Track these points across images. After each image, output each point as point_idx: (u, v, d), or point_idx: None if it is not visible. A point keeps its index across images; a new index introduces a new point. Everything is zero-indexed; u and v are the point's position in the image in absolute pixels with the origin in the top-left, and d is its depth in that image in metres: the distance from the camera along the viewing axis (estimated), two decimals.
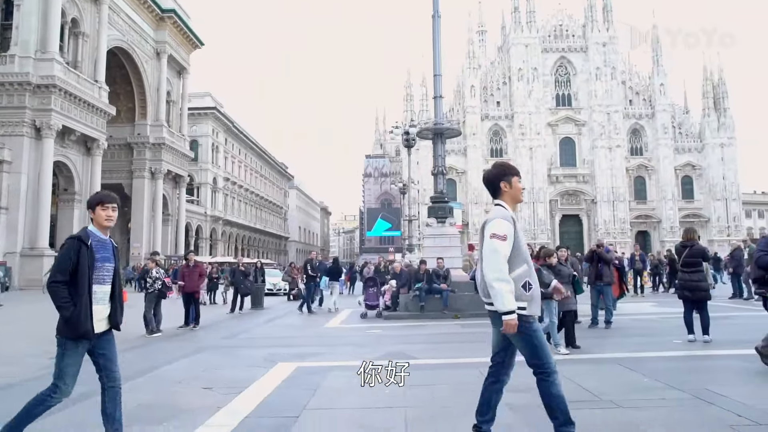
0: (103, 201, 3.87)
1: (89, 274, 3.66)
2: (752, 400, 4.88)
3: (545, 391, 3.61)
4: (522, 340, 3.59)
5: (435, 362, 7.59)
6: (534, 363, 3.61)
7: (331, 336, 11.08)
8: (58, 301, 3.62)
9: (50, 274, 3.77)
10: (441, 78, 14.59)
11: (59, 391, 3.65)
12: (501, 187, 3.73)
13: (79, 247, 3.68)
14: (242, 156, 72.91)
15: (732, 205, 69.66)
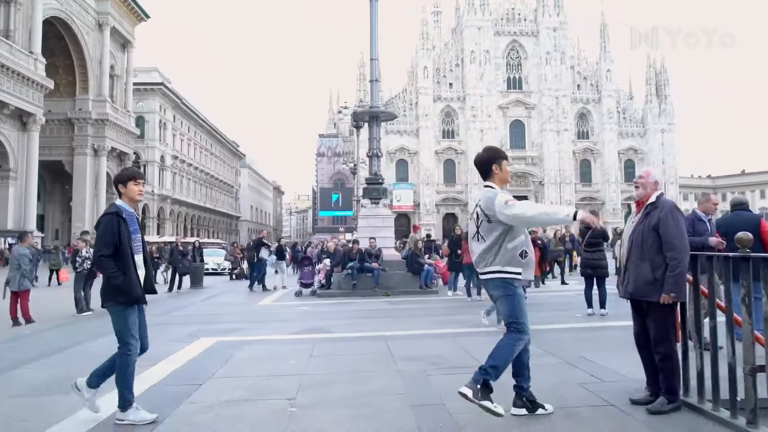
0: (135, 176, 4.24)
1: (130, 245, 4.03)
2: (612, 364, 5.50)
3: (507, 342, 3.95)
4: (506, 300, 4.00)
5: (350, 335, 8.04)
6: (512, 321, 4.00)
7: (262, 313, 11.41)
8: (107, 272, 4.01)
9: (96, 249, 4.17)
10: (377, 62, 14.91)
11: (131, 347, 4.09)
12: (492, 169, 4.07)
13: (118, 221, 4.01)
14: (191, 133, 71.36)
15: (670, 189, 72.78)
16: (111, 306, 4.09)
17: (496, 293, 4.03)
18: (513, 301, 3.98)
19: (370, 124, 14.97)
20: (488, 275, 3.99)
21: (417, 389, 4.92)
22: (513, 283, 3.96)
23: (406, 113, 69.78)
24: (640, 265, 4.03)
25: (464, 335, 7.68)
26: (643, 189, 4.20)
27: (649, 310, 4.08)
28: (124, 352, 4.09)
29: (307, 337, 7.96)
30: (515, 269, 3.92)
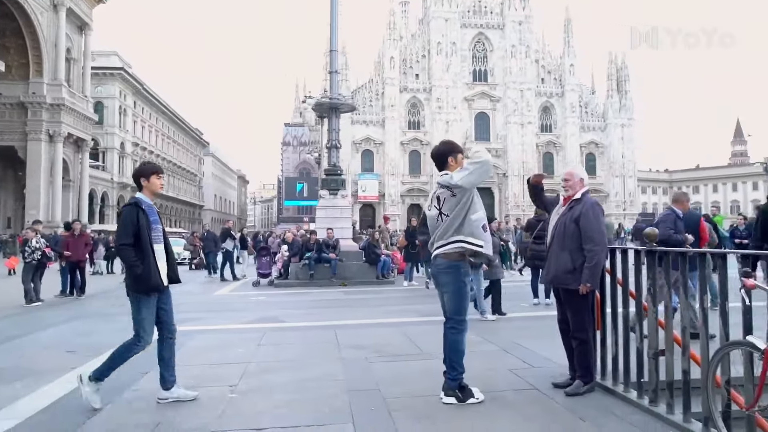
0: (158, 170, 4.48)
1: (149, 235, 4.20)
2: (544, 351, 5.79)
3: (454, 340, 4.21)
4: (455, 294, 4.18)
5: (300, 325, 8.20)
6: (455, 316, 4.21)
7: (217, 303, 11.45)
8: (128, 261, 4.21)
9: (117, 238, 4.33)
10: (337, 53, 14.97)
11: (142, 341, 4.28)
12: (448, 161, 4.26)
13: (137, 212, 4.20)
14: (153, 120, 69.81)
15: (629, 182, 74.96)
16: (132, 295, 4.30)
17: (447, 283, 4.19)
18: (461, 298, 4.20)
19: (330, 115, 15.05)
20: (448, 246, 4.09)
21: (356, 376, 5.11)
22: (464, 272, 4.15)
23: (372, 103, 69.71)
24: (560, 255, 4.29)
25: (412, 324, 7.92)
26: (572, 189, 4.45)
27: (567, 298, 4.36)
28: (134, 341, 4.30)
29: (258, 326, 8.08)
30: (477, 241, 4.06)
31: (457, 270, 4.15)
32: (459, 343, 4.23)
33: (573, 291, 4.24)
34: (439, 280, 4.30)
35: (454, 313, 4.24)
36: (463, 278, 4.19)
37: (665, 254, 3.75)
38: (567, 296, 4.37)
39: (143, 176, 4.38)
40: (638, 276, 4.09)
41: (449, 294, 4.22)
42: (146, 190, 4.38)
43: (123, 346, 4.31)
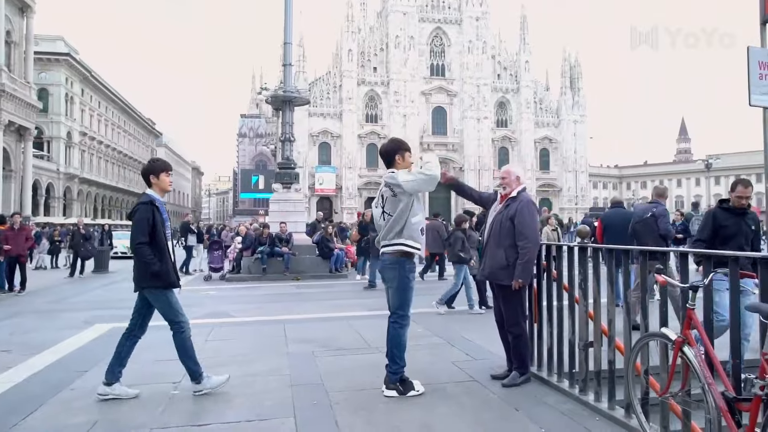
0: (168, 168, 4.47)
1: (164, 233, 4.26)
2: (487, 343, 5.96)
3: (396, 335, 4.29)
4: (400, 290, 4.26)
5: (250, 320, 8.16)
6: (398, 311, 4.30)
7: None
8: (145, 259, 4.19)
9: (133, 237, 4.28)
10: (291, 46, 14.81)
11: (183, 324, 4.41)
12: (395, 159, 4.35)
13: (152, 210, 4.23)
14: (102, 109, 67.42)
15: (581, 177, 77.10)
16: (150, 291, 4.35)
17: (392, 279, 4.29)
18: (406, 294, 4.30)
19: (284, 108, 14.92)
20: (391, 248, 4.25)
21: (302, 370, 5.15)
22: (409, 269, 4.26)
23: (330, 96, 69.36)
24: (495, 252, 4.43)
25: (360, 318, 7.99)
26: (508, 186, 4.60)
27: (502, 293, 4.50)
28: (177, 330, 4.38)
29: (206, 322, 7.97)
30: (416, 244, 4.22)
31: (401, 266, 4.26)
32: (401, 336, 4.34)
33: (507, 286, 4.39)
34: (385, 275, 4.40)
35: (397, 307, 4.34)
36: (407, 274, 4.29)
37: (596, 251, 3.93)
38: (501, 291, 4.51)
39: (153, 173, 4.39)
40: (571, 271, 4.27)
41: (393, 289, 4.32)
42: (156, 187, 4.39)
43: (180, 343, 4.42)
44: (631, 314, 3.49)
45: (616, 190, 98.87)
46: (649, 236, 6.37)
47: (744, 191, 4.25)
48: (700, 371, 2.64)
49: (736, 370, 2.69)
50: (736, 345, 2.75)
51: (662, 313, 3.15)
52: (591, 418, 3.71)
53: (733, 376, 2.68)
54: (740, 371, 2.64)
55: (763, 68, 5.76)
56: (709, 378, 2.61)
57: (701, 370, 2.64)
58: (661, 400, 3.05)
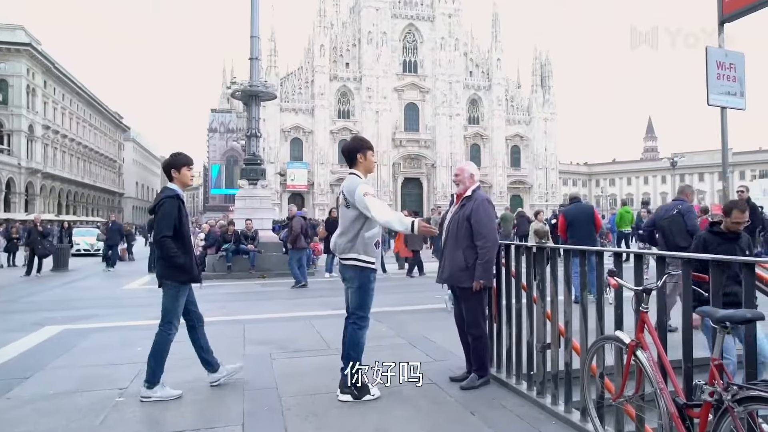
0: (189, 163, 4.43)
1: (188, 226, 4.26)
2: (448, 344, 5.84)
3: (354, 336, 4.20)
4: (360, 292, 4.14)
5: (209, 320, 7.77)
6: (358, 312, 4.19)
7: (123, 298, 10.87)
8: (169, 252, 4.16)
9: (157, 230, 4.21)
10: (258, 40, 14.54)
11: (173, 327, 4.36)
12: (357, 158, 4.19)
13: (178, 204, 4.25)
14: (66, 102, 65.54)
15: (551, 174, 78.08)
16: (168, 284, 4.29)
17: (352, 279, 4.17)
18: (366, 294, 4.19)
19: (250, 103, 14.61)
20: (346, 261, 4.15)
21: (257, 373, 4.99)
22: (369, 274, 4.16)
23: (302, 91, 68.78)
24: (454, 254, 4.33)
25: (323, 318, 7.84)
26: (462, 184, 4.49)
27: (462, 295, 4.41)
28: (165, 330, 4.31)
29: None
30: (370, 258, 4.12)
31: (361, 270, 4.15)
32: (359, 338, 4.23)
33: (468, 288, 4.29)
34: (345, 274, 4.27)
35: (357, 308, 4.22)
36: (369, 275, 4.18)
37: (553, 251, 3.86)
38: (462, 293, 4.42)
39: (174, 168, 4.36)
40: (529, 271, 4.19)
41: (354, 289, 4.20)
42: (177, 182, 4.37)
43: (159, 342, 4.30)
44: (587, 316, 3.42)
45: (585, 187, 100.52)
46: (678, 233, 6.34)
47: (741, 216, 3.98)
48: (653, 375, 2.58)
49: (687, 374, 2.63)
50: (688, 348, 2.69)
51: (617, 315, 3.09)
52: (548, 422, 3.64)
53: (685, 381, 2.62)
54: (692, 376, 2.58)
55: (721, 68, 5.79)
56: (661, 383, 2.55)
57: (653, 375, 2.58)
58: (615, 404, 2.98)
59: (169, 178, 4.42)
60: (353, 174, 4.23)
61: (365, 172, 4.28)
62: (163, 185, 4.57)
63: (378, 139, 68.17)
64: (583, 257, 3.48)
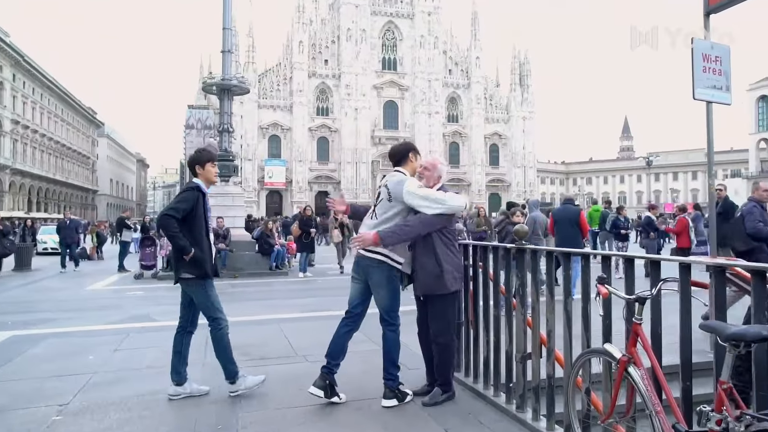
0: (213, 158, 4.37)
1: (206, 221, 4.16)
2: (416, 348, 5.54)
3: (390, 339, 4.01)
4: (388, 293, 3.93)
5: (172, 324, 7.36)
6: (390, 313, 3.98)
7: (85, 300, 10.30)
8: (169, 231, 4.00)
9: (165, 208, 4.10)
10: (230, 32, 14.03)
11: (221, 320, 4.24)
12: (409, 156, 4.12)
13: (198, 196, 4.15)
14: (37, 96, 63.74)
15: (529, 173, 78.50)
16: (187, 282, 4.17)
17: (378, 280, 3.95)
18: (397, 294, 4.00)
19: (222, 97, 14.10)
20: (372, 254, 3.90)
21: (215, 385, 4.59)
22: (396, 275, 3.96)
23: (280, 88, 68.04)
24: (426, 260, 3.92)
25: (294, 321, 7.48)
26: (427, 181, 4.14)
27: (431, 300, 4.05)
28: (215, 327, 4.22)
29: (123, 327, 7.29)
30: (399, 258, 3.91)
31: (390, 269, 3.95)
32: (398, 341, 4.08)
33: (440, 296, 3.95)
34: (372, 277, 3.98)
35: (389, 310, 4.00)
36: (395, 275, 3.99)
37: (534, 253, 3.54)
38: (431, 299, 4.06)
39: (198, 164, 4.30)
40: (508, 274, 3.87)
41: (383, 291, 3.97)
42: (201, 178, 4.29)
43: (217, 340, 4.25)
44: (572, 324, 3.12)
45: (563, 185, 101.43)
46: (737, 236, 6.05)
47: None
48: (647, 396, 2.28)
49: (686, 394, 2.33)
50: (687, 364, 2.39)
51: (605, 326, 2.78)
52: None
53: (684, 401, 2.32)
54: (691, 397, 2.28)
55: (707, 61, 5.54)
56: (657, 405, 2.25)
57: (648, 396, 2.27)
58: (604, 426, 2.67)
59: (193, 174, 4.37)
60: (399, 171, 4.10)
61: (411, 173, 4.13)
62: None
63: (357, 136, 67.88)
64: (567, 260, 3.17)
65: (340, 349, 4.09)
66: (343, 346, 4.10)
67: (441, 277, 3.88)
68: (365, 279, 4.01)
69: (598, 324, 3.02)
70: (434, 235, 3.88)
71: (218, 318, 4.24)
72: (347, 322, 4.12)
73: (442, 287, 3.90)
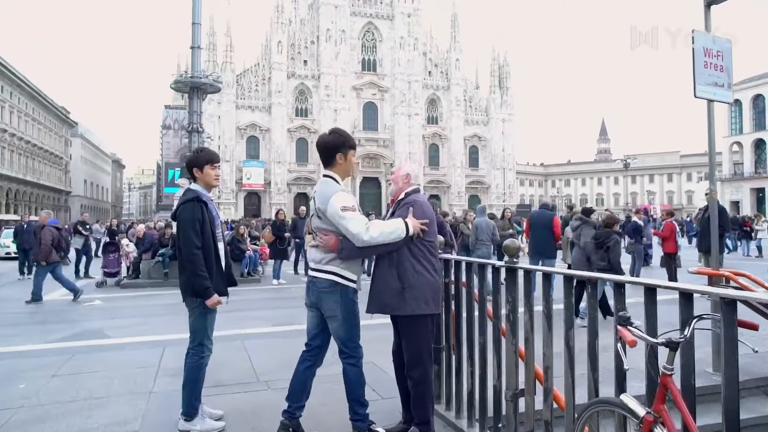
0: (213, 160, 3.86)
1: (213, 233, 3.68)
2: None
3: (357, 375, 3.48)
4: (346, 318, 3.35)
5: (125, 341, 6.79)
6: (349, 344, 3.41)
7: (34, 312, 9.40)
8: (198, 270, 3.56)
9: (186, 243, 3.58)
10: (200, 27, 13.36)
11: (206, 349, 3.76)
12: (336, 158, 3.39)
13: (200, 207, 3.65)
14: (6, 95, 61.88)
15: (508, 174, 78.55)
16: (193, 301, 3.69)
17: (330, 302, 3.33)
18: (354, 320, 3.39)
19: (191, 96, 13.41)
20: (321, 274, 3.35)
21: (158, 420, 3.99)
22: (352, 295, 3.35)
23: (259, 88, 67.13)
24: (386, 272, 3.37)
25: (258, 337, 6.88)
26: (395, 185, 3.60)
27: (401, 326, 3.48)
28: (197, 353, 3.74)
29: (69, 345, 6.59)
30: (352, 275, 3.35)
31: (344, 290, 3.34)
32: (361, 375, 3.51)
33: (406, 318, 3.36)
34: (324, 303, 3.37)
35: (347, 340, 3.41)
36: (351, 296, 3.37)
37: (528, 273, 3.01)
38: (400, 324, 3.48)
39: (196, 166, 3.84)
40: (496, 295, 3.34)
41: (339, 320, 3.36)
42: (200, 182, 3.83)
43: (191, 368, 3.71)
44: (574, 360, 2.59)
45: (542, 187, 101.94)
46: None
47: None
48: None
49: None
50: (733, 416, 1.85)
51: (618, 370, 2.26)
52: None
53: None
54: None
55: (708, 56, 5.10)
56: None
57: None
58: None
59: (192, 177, 3.89)
60: (329, 177, 3.42)
61: (343, 176, 3.46)
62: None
63: None
64: (569, 285, 2.64)
65: (302, 389, 3.52)
66: (305, 385, 3.54)
67: (401, 296, 3.29)
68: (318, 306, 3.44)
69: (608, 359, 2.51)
70: (402, 246, 3.32)
71: (204, 345, 3.78)
72: (307, 356, 3.55)
73: (402, 307, 3.31)
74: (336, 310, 3.33)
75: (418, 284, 3.29)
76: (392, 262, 3.33)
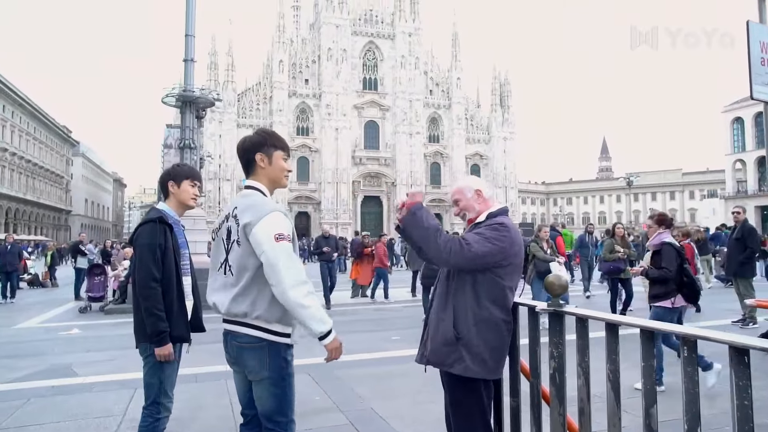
0: (192, 176, 3.21)
1: (177, 263, 3.01)
2: (408, 421, 4.22)
3: None
4: (275, 384, 2.39)
5: (94, 381, 5.99)
6: (277, 418, 2.41)
7: (4, 343, 8.62)
8: (155, 309, 2.87)
9: (143, 274, 2.87)
10: (193, 39, 12.77)
11: (162, 408, 2.99)
12: (256, 161, 2.52)
13: (164, 230, 2.98)
14: (8, 114, 61.67)
15: (510, 193, 77.96)
16: (146, 347, 2.96)
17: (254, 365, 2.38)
18: (287, 388, 2.44)
19: (183, 110, 12.78)
20: (239, 328, 2.39)
21: None
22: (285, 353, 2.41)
23: (260, 107, 67.05)
24: (441, 316, 2.59)
25: None
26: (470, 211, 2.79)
27: (450, 386, 2.64)
28: (151, 413, 2.96)
29: (27, 386, 5.79)
30: (285, 329, 2.40)
31: (272, 348, 2.38)
32: None
33: (458, 379, 2.53)
34: (245, 362, 2.43)
35: (274, 413, 2.41)
36: (284, 355, 2.43)
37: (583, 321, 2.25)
38: (449, 383, 2.64)
39: (173, 180, 3.14)
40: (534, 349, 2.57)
41: (264, 385, 2.41)
42: (173, 200, 3.14)
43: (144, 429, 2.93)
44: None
45: (543, 205, 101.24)
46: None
47: None
48: None
49: None
50: None
51: None
52: None
53: None
54: None
55: (765, 51, 4.39)
56: None
57: None
58: None
59: (164, 194, 3.19)
60: (253, 189, 2.53)
61: (272, 186, 2.59)
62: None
63: (338, 156, 66.88)
64: (648, 340, 1.88)
65: None
66: None
67: (455, 349, 2.49)
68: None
69: None
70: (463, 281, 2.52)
71: (161, 403, 2.98)
72: (245, 429, 2.61)
73: (452, 363, 2.50)
74: (261, 371, 2.39)
75: (481, 339, 2.49)
76: (446, 304, 2.55)
